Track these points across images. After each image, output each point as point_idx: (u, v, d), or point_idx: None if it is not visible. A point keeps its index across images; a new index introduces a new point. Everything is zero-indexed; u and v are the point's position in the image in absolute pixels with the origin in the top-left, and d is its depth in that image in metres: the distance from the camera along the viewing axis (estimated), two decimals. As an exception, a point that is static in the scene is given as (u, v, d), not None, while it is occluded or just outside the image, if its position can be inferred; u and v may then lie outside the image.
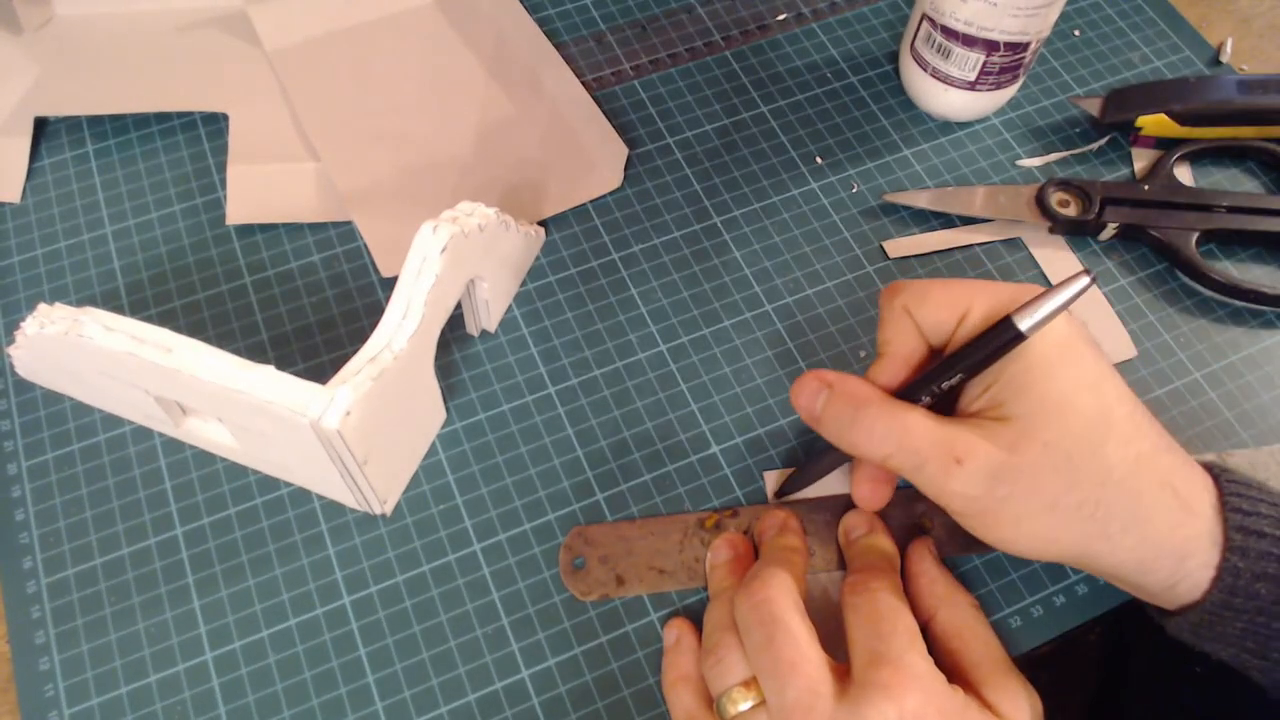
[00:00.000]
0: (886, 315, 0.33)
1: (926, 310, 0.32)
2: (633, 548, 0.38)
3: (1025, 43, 0.44)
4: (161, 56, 0.48)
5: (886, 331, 0.33)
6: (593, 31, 0.52)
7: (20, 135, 0.46)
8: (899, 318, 0.32)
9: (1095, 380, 0.30)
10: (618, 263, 0.45)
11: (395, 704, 0.35)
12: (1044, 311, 0.29)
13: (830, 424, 0.32)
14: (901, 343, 0.32)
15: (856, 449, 0.32)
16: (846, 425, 0.31)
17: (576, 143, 0.47)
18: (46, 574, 0.37)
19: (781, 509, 0.38)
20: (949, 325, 0.32)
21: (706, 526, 0.38)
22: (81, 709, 0.35)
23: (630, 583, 0.37)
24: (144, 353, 0.32)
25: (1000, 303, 0.31)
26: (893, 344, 0.33)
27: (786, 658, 0.29)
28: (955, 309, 0.31)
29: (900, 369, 0.32)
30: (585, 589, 0.37)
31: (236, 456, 0.39)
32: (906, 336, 0.32)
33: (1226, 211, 0.44)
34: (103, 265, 0.44)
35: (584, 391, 0.41)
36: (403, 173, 0.45)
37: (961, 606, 0.34)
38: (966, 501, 0.30)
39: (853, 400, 0.31)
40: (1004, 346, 0.30)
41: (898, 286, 0.33)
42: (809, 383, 0.32)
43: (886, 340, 0.33)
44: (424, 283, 0.34)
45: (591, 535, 0.38)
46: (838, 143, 0.48)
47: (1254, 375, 0.42)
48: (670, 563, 0.37)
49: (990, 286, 0.32)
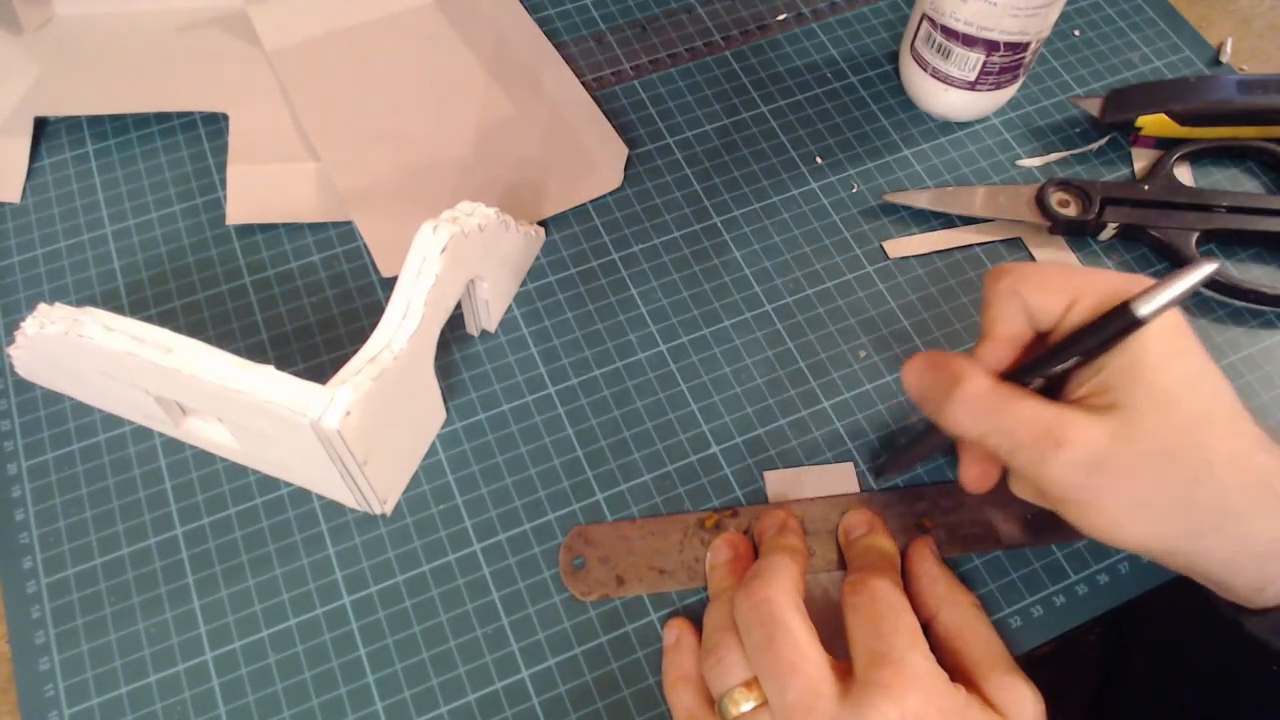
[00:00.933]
0: (992, 296, 0.32)
1: (1036, 293, 0.31)
2: (633, 548, 0.38)
3: (1025, 43, 0.44)
4: (161, 56, 0.48)
5: (992, 312, 0.32)
6: (593, 31, 0.52)
7: (20, 135, 0.46)
8: (1006, 299, 0.32)
9: (1201, 375, 0.30)
10: (618, 263, 0.45)
11: (395, 704, 0.35)
12: (1165, 298, 0.28)
13: (930, 401, 0.32)
14: (1008, 324, 0.32)
15: (953, 426, 0.31)
16: (945, 402, 0.31)
17: (576, 143, 0.47)
18: (46, 574, 0.37)
19: (781, 509, 0.38)
20: (1057, 310, 0.31)
21: (706, 526, 0.38)
22: (81, 709, 0.35)
23: (630, 583, 0.37)
24: (144, 353, 0.32)
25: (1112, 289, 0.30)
26: (998, 325, 0.32)
27: (787, 658, 0.29)
28: (1066, 293, 0.31)
29: (1006, 351, 0.32)
30: (585, 589, 0.37)
31: (236, 456, 0.39)
32: (1013, 318, 0.32)
33: (1226, 211, 0.44)
34: (103, 265, 0.44)
35: (584, 391, 0.41)
36: (403, 173, 0.45)
37: (963, 606, 0.34)
38: (1063, 488, 0.29)
39: (953, 376, 0.31)
40: (1121, 332, 0.29)
41: (1005, 269, 0.32)
42: (918, 361, 0.32)
43: (992, 320, 0.32)
44: (424, 283, 0.34)
45: (591, 535, 0.38)
46: (838, 143, 0.48)
47: (1254, 375, 0.42)
48: (670, 563, 0.37)
49: (1101, 274, 0.31)
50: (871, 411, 0.41)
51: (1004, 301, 0.32)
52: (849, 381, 0.42)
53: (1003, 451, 0.30)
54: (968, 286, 0.44)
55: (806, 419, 0.41)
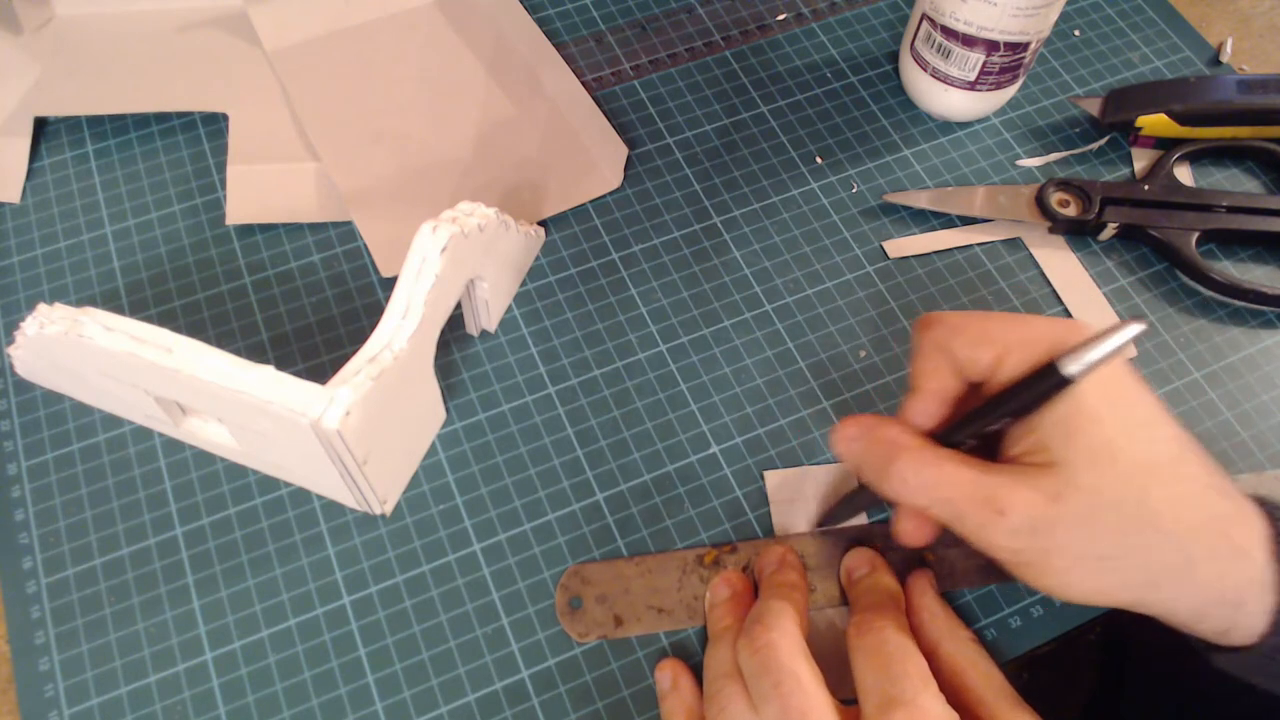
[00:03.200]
0: (920, 348, 0.32)
1: (962, 346, 0.30)
2: (630, 586, 0.37)
3: (1025, 43, 0.44)
4: (161, 56, 0.48)
5: (920, 365, 0.31)
6: (593, 31, 0.52)
7: (20, 135, 0.46)
8: (934, 352, 0.31)
9: (1142, 423, 0.29)
10: (618, 263, 0.45)
11: (395, 704, 0.35)
12: (1093, 357, 0.27)
13: (867, 472, 0.31)
14: (936, 378, 0.31)
15: (894, 497, 0.30)
16: (882, 473, 0.30)
17: (576, 143, 0.47)
18: (46, 574, 0.37)
19: (780, 544, 0.37)
20: (986, 363, 0.30)
21: (705, 563, 0.37)
22: (81, 709, 0.35)
23: (628, 623, 0.36)
24: (144, 353, 0.32)
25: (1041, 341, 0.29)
26: (927, 379, 0.31)
27: (796, 706, 0.28)
28: (994, 347, 0.30)
29: (935, 406, 0.31)
30: (583, 630, 0.36)
31: (236, 456, 0.39)
32: (941, 372, 0.31)
33: (1226, 211, 0.44)
34: (103, 265, 0.44)
35: (584, 391, 0.41)
36: (403, 173, 0.45)
37: (963, 641, 0.34)
38: (1010, 553, 0.29)
39: (889, 447, 0.30)
40: (1049, 390, 0.28)
41: (931, 319, 0.32)
42: (846, 428, 0.31)
43: (920, 374, 0.31)
44: (424, 283, 0.34)
45: (588, 574, 0.37)
46: (838, 143, 0.48)
47: (1254, 375, 0.42)
48: (669, 601, 0.36)
49: (1028, 323, 0.30)
50: (871, 412, 0.41)
51: (932, 355, 0.31)
52: (849, 381, 0.42)
53: (945, 519, 0.30)
54: (968, 286, 0.44)
55: (806, 419, 0.41)
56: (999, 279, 0.45)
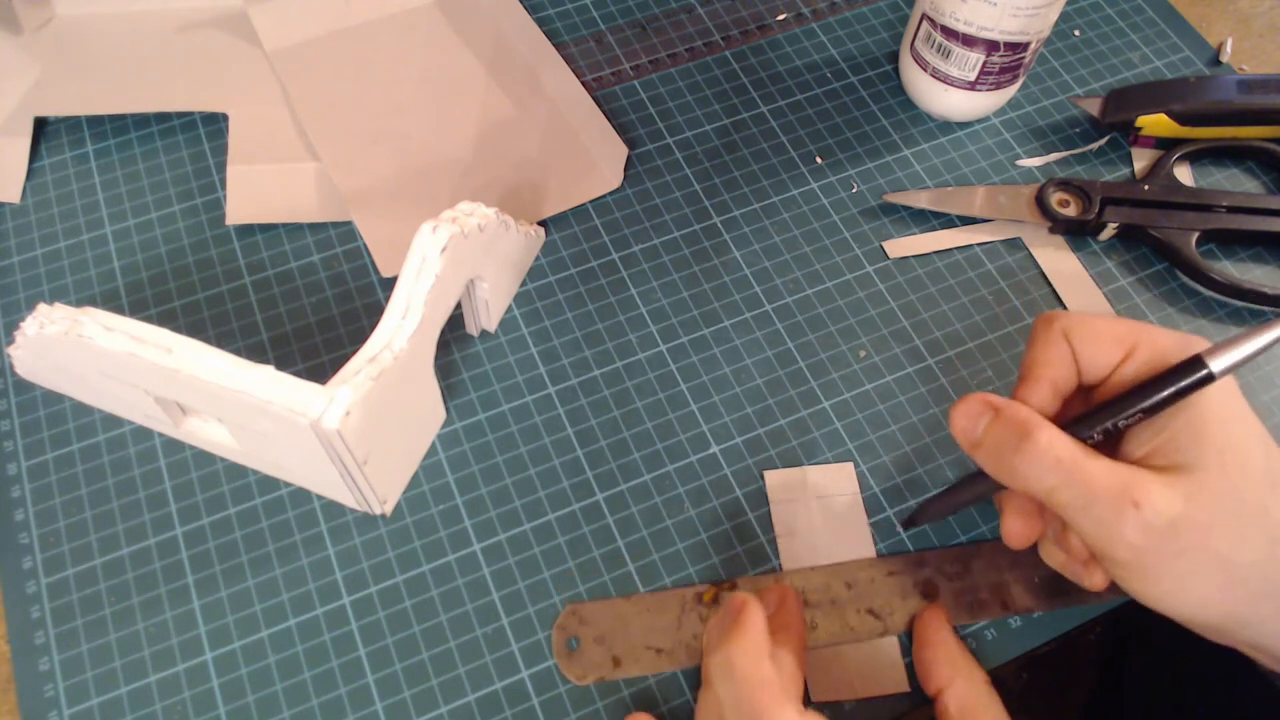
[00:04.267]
0: (1042, 337, 0.31)
1: (1089, 341, 0.30)
2: (629, 626, 0.36)
3: (1025, 43, 0.44)
4: (161, 56, 0.48)
5: (1039, 353, 0.31)
6: (593, 31, 0.52)
7: (20, 135, 0.46)
8: (1056, 342, 0.31)
9: (1262, 436, 0.29)
10: (618, 263, 0.45)
11: (395, 704, 0.35)
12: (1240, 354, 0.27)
13: (992, 450, 0.30)
14: (1055, 368, 0.30)
15: (1018, 479, 0.29)
16: (1010, 452, 0.29)
17: (576, 143, 0.47)
18: (46, 574, 0.37)
19: (780, 584, 0.36)
20: (1111, 361, 0.30)
21: (705, 601, 0.37)
22: (81, 709, 0.35)
23: (627, 664, 0.35)
24: (144, 353, 0.32)
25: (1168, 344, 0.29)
26: (1045, 368, 0.31)
27: None
28: (1121, 344, 0.30)
29: (1049, 396, 0.31)
30: (581, 672, 0.35)
31: (236, 456, 0.39)
32: (1061, 364, 0.30)
33: (1226, 211, 0.44)
34: (103, 265, 0.44)
35: (584, 391, 0.41)
36: (403, 173, 0.45)
37: (977, 681, 0.34)
38: (1135, 551, 0.28)
39: (1021, 427, 0.29)
40: (1191, 387, 0.28)
41: (1058, 313, 0.31)
42: (971, 404, 0.30)
43: (1038, 363, 0.31)
44: (424, 283, 0.34)
45: (586, 614, 0.36)
46: (838, 143, 0.48)
47: (1254, 375, 0.42)
48: (668, 641, 0.36)
49: (1154, 328, 0.30)
50: (871, 411, 0.41)
51: (1054, 344, 0.31)
52: (849, 381, 0.42)
53: (1071, 509, 0.29)
54: (968, 286, 0.44)
55: (806, 419, 0.41)
56: (999, 279, 0.45)
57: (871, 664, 0.36)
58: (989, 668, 0.36)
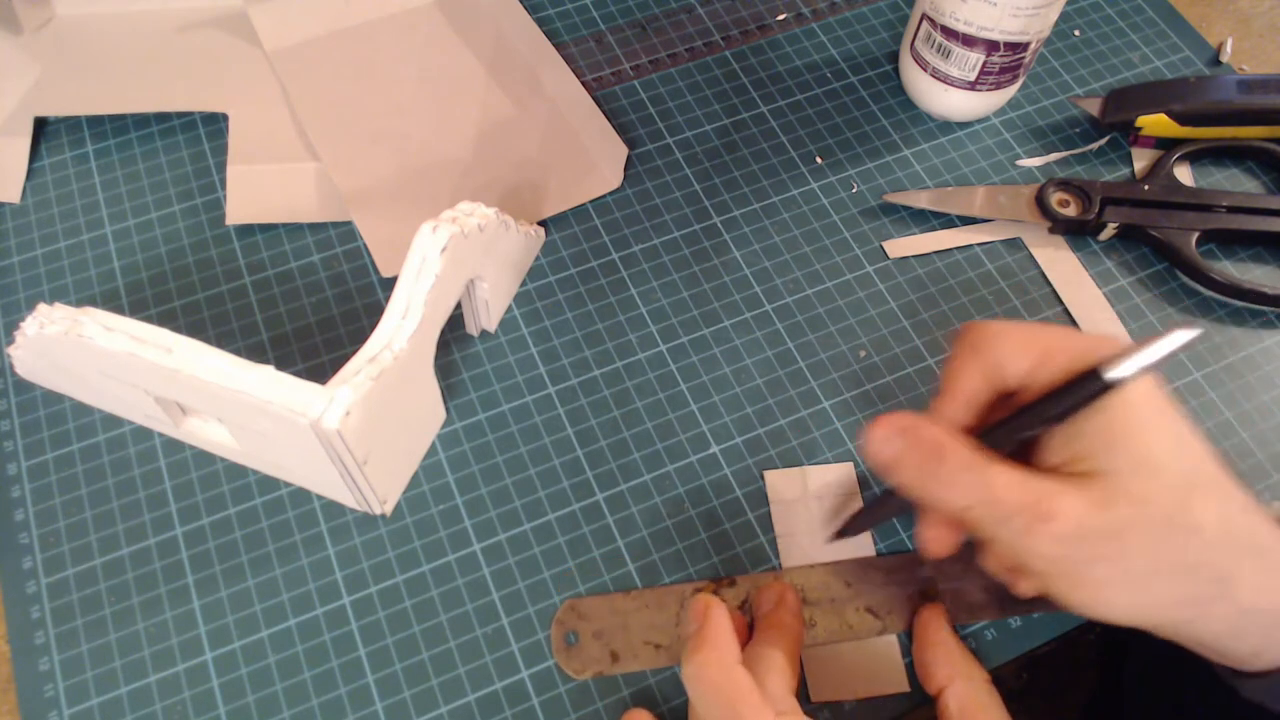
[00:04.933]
0: (957, 351, 0.31)
1: (1002, 350, 0.30)
2: (628, 621, 0.36)
3: (1025, 43, 0.44)
4: (161, 56, 0.48)
5: (954, 366, 0.31)
6: (593, 31, 0.52)
7: (20, 135, 0.46)
8: (969, 355, 0.31)
9: (1181, 436, 0.29)
10: (618, 263, 0.45)
11: (395, 704, 0.35)
12: (1139, 363, 0.27)
13: (906, 473, 0.30)
14: (969, 380, 0.31)
15: (935, 500, 0.30)
16: (925, 475, 0.29)
17: (576, 143, 0.47)
18: (46, 574, 0.37)
19: (779, 582, 0.36)
20: (1024, 368, 0.30)
21: None
22: (81, 709, 0.35)
23: (625, 659, 0.35)
24: (144, 353, 0.32)
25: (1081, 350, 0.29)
26: (959, 380, 0.31)
27: None
28: (1033, 352, 0.30)
29: (965, 409, 0.31)
30: (579, 666, 0.35)
31: (236, 456, 0.39)
32: (974, 375, 0.31)
33: (1226, 211, 0.44)
34: (103, 265, 0.44)
35: (584, 391, 0.41)
36: (403, 173, 0.45)
37: (977, 681, 0.34)
38: (1051, 562, 0.28)
39: (933, 449, 0.29)
40: (1094, 395, 0.28)
41: (970, 325, 0.31)
42: (881, 429, 0.30)
43: (953, 375, 0.31)
44: (424, 283, 0.34)
45: (585, 609, 0.36)
46: (838, 143, 0.48)
47: (1254, 375, 0.42)
48: (667, 637, 0.36)
49: (1069, 333, 0.30)
50: (871, 411, 0.41)
51: (968, 357, 0.31)
52: (849, 381, 0.42)
53: (985, 524, 0.29)
54: (968, 286, 0.44)
55: (806, 419, 0.41)
56: (999, 279, 0.45)
57: (871, 664, 0.36)
58: (989, 668, 0.36)
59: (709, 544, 0.38)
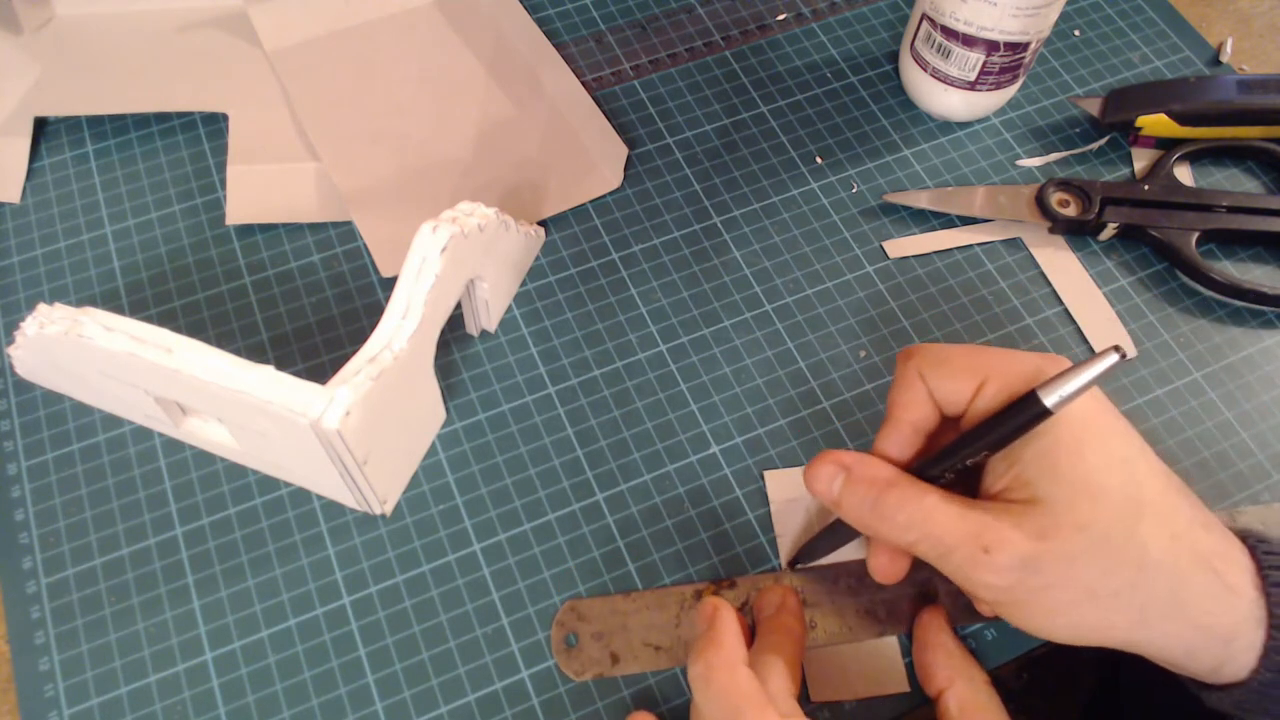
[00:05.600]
0: (899, 378, 0.32)
1: (942, 377, 0.30)
2: (627, 623, 0.36)
3: (1025, 43, 0.44)
4: (161, 56, 0.48)
5: (898, 395, 0.31)
6: (593, 31, 0.52)
7: (20, 135, 0.46)
8: (913, 382, 0.31)
9: (1125, 458, 0.29)
10: (618, 263, 0.45)
11: (395, 704, 0.35)
12: (1070, 388, 0.27)
13: (849, 510, 0.31)
14: (913, 409, 0.31)
15: (878, 535, 0.30)
16: (866, 511, 0.30)
17: (576, 143, 0.47)
18: (46, 574, 0.37)
19: (779, 585, 0.36)
20: (965, 394, 0.30)
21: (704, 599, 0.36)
22: (81, 709, 0.35)
23: (625, 661, 0.35)
24: (144, 353, 0.32)
25: (1021, 373, 0.29)
26: (903, 409, 0.31)
27: None
28: (972, 378, 0.30)
29: (910, 436, 0.31)
30: (579, 668, 0.35)
31: (236, 456, 0.39)
32: (918, 403, 0.31)
33: (1226, 211, 0.44)
34: (103, 265, 0.44)
35: (584, 391, 0.41)
36: (403, 173, 0.45)
37: (978, 682, 0.34)
38: (997, 592, 0.28)
39: (872, 485, 0.30)
40: (1028, 423, 0.28)
41: (913, 350, 0.32)
42: (824, 466, 0.31)
43: (897, 404, 0.31)
44: (424, 283, 0.34)
45: (584, 610, 0.36)
46: (838, 143, 0.48)
47: (1254, 375, 0.42)
48: (667, 638, 0.36)
49: (1009, 356, 0.30)
50: (871, 411, 0.41)
51: (911, 384, 0.31)
52: (849, 381, 0.42)
53: (930, 558, 0.29)
54: (968, 286, 0.44)
55: (806, 419, 0.41)
56: (999, 279, 0.45)
57: (871, 664, 0.36)
58: (989, 668, 0.36)
59: (709, 544, 0.38)
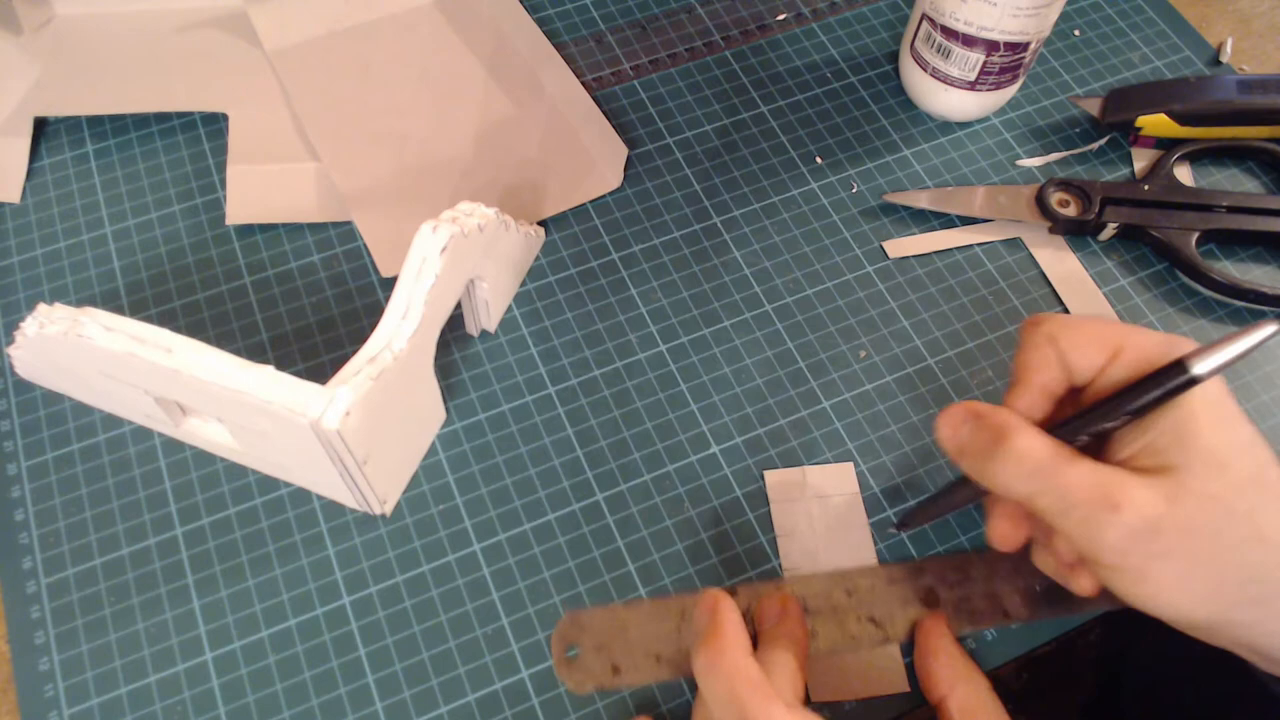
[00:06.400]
0: (1029, 341, 0.31)
1: (1076, 344, 0.30)
2: (629, 634, 0.36)
3: (1025, 43, 0.44)
4: (161, 56, 0.48)
5: (1028, 357, 0.31)
6: (593, 31, 0.52)
7: (20, 135, 0.46)
8: (1043, 346, 0.31)
9: (1252, 440, 0.29)
10: (618, 263, 0.45)
11: (395, 704, 0.35)
12: (1223, 357, 0.27)
13: (973, 456, 0.30)
14: (1043, 372, 0.30)
15: (998, 484, 0.29)
16: (990, 457, 0.29)
17: (576, 143, 0.47)
18: (46, 574, 0.37)
19: (780, 593, 0.36)
20: (1097, 363, 0.30)
21: None
22: (81, 709, 0.35)
23: (626, 672, 0.35)
24: (144, 353, 0.32)
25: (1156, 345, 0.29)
26: (1034, 372, 0.30)
27: None
28: (1106, 347, 0.30)
29: (1039, 400, 0.31)
30: (580, 680, 0.34)
31: (236, 456, 0.39)
32: (1049, 367, 0.30)
33: (1226, 211, 0.44)
34: (103, 265, 0.44)
35: (584, 391, 0.41)
36: (403, 173, 0.45)
37: (980, 687, 0.34)
38: (1117, 553, 0.28)
39: (1000, 431, 0.29)
40: (1174, 390, 0.28)
41: (1041, 318, 0.31)
42: (955, 412, 0.30)
43: (1027, 367, 0.31)
44: (424, 283, 0.34)
45: (585, 621, 0.36)
46: (838, 143, 0.48)
47: (1254, 375, 0.42)
48: (669, 648, 0.35)
49: (1141, 330, 0.30)
50: (871, 411, 0.41)
51: (1041, 348, 0.31)
52: (849, 381, 0.42)
53: (1051, 513, 0.29)
54: (968, 286, 0.44)
55: (806, 419, 0.41)
56: (999, 279, 0.45)
57: (872, 664, 0.36)
58: (989, 668, 0.36)
59: (709, 544, 0.38)
